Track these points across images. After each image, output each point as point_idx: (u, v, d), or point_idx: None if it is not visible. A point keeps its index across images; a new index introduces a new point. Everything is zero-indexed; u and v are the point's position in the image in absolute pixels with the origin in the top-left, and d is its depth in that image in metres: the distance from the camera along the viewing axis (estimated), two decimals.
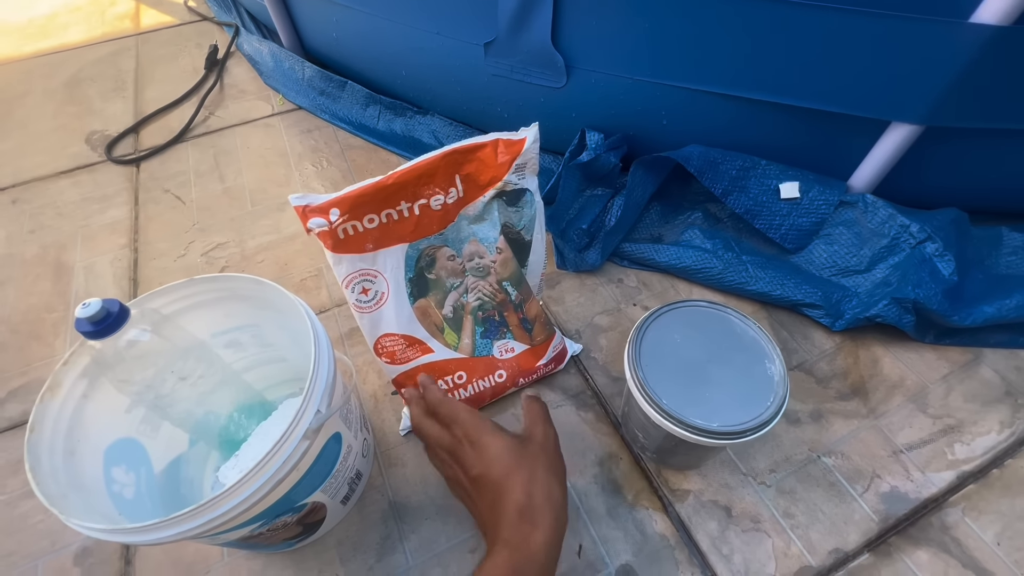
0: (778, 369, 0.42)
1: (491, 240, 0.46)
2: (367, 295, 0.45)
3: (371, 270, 0.44)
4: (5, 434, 0.56)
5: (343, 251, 0.42)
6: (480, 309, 0.50)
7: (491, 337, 0.52)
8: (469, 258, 0.47)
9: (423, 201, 0.42)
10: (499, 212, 0.45)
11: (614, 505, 0.49)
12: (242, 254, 0.71)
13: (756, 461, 0.51)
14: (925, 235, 0.56)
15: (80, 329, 0.34)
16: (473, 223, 0.46)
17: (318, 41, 0.94)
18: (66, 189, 0.82)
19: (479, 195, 0.44)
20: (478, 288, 0.49)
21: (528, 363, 0.54)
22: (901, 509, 0.48)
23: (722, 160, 0.61)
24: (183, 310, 0.44)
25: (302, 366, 0.53)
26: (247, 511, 0.34)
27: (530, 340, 0.53)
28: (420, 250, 0.45)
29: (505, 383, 0.53)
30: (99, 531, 0.31)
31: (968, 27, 0.45)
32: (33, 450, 0.34)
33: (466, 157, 0.42)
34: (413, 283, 0.46)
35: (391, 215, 0.42)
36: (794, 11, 0.49)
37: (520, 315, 0.51)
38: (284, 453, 0.34)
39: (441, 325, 0.49)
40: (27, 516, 0.50)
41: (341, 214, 0.40)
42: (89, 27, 1.20)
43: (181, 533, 0.31)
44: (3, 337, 0.64)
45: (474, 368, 0.52)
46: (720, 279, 0.62)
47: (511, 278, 0.49)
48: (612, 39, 0.59)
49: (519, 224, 0.47)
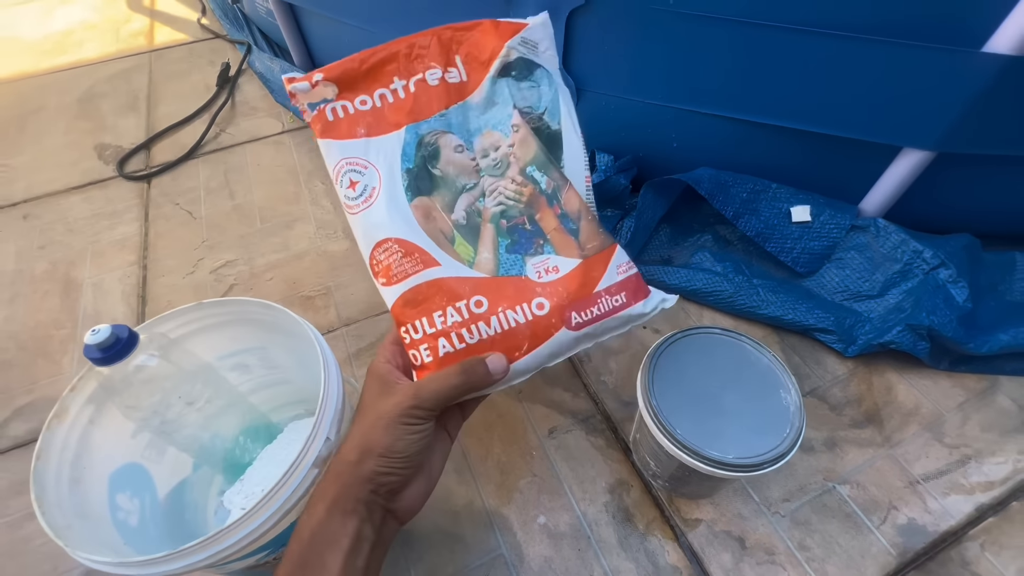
0: (794, 399, 0.41)
1: (504, 121, 0.39)
2: (355, 190, 0.37)
3: (360, 159, 0.38)
4: (9, 454, 0.55)
5: (333, 135, 0.37)
6: (504, 216, 0.39)
7: (522, 252, 0.38)
8: (483, 153, 0.39)
9: (419, 76, 0.38)
10: (510, 91, 0.39)
11: (625, 535, 0.48)
12: (251, 271, 0.71)
13: (770, 490, 0.50)
14: (938, 261, 0.56)
15: (89, 356, 0.34)
16: (483, 112, 0.39)
17: (329, 60, 0.95)
18: (77, 205, 0.82)
19: (483, 74, 0.39)
20: (497, 190, 0.39)
21: (582, 286, 0.38)
22: (919, 542, 0.47)
23: (733, 183, 0.61)
24: (191, 334, 0.44)
25: (307, 388, 0.53)
26: (256, 541, 0.33)
27: (579, 249, 0.39)
28: (420, 135, 0.38)
29: (549, 319, 0.37)
30: (105, 564, 0.30)
31: (981, 56, 0.45)
32: (39, 479, 0.34)
33: (461, 35, 0.39)
34: (412, 176, 0.38)
35: (384, 96, 0.38)
36: (806, 39, 0.50)
37: (557, 210, 0.39)
38: (294, 482, 0.34)
39: (450, 233, 0.38)
40: (30, 539, 0.50)
41: (327, 79, 0.37)
42: (104, 44, 1.22)
43: (189, 565, 0.31)
44: (11, 354, 0.64)
45: (499, 292, 0.37)
46: (731, 302, 0.61)
47: (535, 161, 0.39)
48: (622, 63, 0.60)
49: (538, 106, 0.40)
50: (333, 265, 0.71)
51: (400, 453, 0.32)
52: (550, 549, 0.47)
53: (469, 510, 0.50)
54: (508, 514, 0.50)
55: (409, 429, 0.32)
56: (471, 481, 0.52)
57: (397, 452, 0.32)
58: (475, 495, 0.51)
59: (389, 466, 0.32)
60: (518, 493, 0.51)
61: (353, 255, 0.72)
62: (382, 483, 0.32)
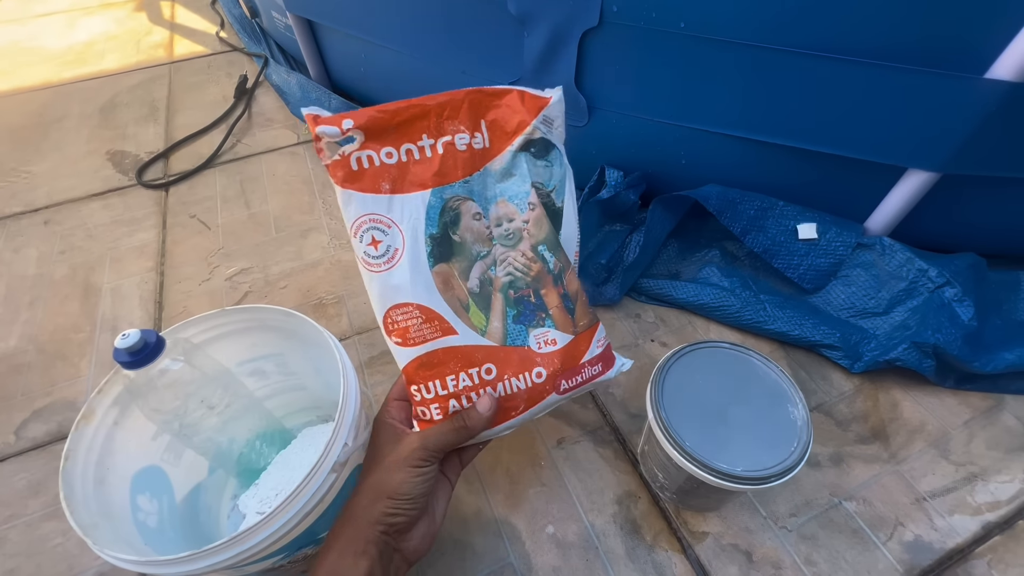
0: (801, 413, 0.42)
1: (521, 196, 0.41)
2: (376, 249, 0.37)
3: (384, 217, 0.37)
4: (28, 455, 0.57)
5: (354, 186, 0.37)
6: (512, 287, 0.41)
7: (526, 323, 0.42)
8: (497, 222, 0.41)
9: (447, 138, 0.38)
10: (528, 166, 0.41)
11: (633, 546, 0.48)
12: (265, 279, 0.73)
13: (777, 505, 0.50)
14: (943, 280, 0.57)
15: (118, 359, 0.35)
16: (500, 180, 0.41)
17: (345, 75, 0.98)
18: (97, 211, 0.84)
19: (505, 145, 0.40)
20: (508, 260, 0.41)
21: (571, 359, 0.42)
22: (926, 559, 0.47)
23: (740, 200, 0.62)
24: (212, 339, 0.45)
25: (322, 395, 0.54)
26: (274, 543, 0.34)
27: (573, 326, 0.43)
28: (444, 200, 0.39)
29: (544, 385, 0.41)
30: (131, 562, 0.31)
31: (984, 82, 0.47)
32: (68, 479, 0.35)
33: (491, 101, 0.40)
34: (435, 242, 0.38)
35: (411, 152, 0.38)
36: (813, 63, 0.51)
37: (560, 290, 0.42)
38: (312, 487, 0.35)
39: (466, 301, 0.40)
40: (47, 538, 0.50)
41: (356, 126, 0.36)
42: (125, 55, 1.25)
43: (211, 566, 0.32)
44: (30, 357, 0.65)
45: (506, 361, 0.40)
46: (738, 317, 0.62)
47: (547, 241, 0.42)
48: (634, 82, 0.62)
49: (549, 184, 0.42)
50: (346, 274, 0.73)
51: (407, 495, 0.35)
52: (558, 559, 0.48)
53: (478, 518, 0.51)
54: (517, 523, 0.50)
55: (415, 472, 0.35)
56: (480, 490, 0.52)
57: (404, 494, 0.35)
58: (484, 504, 0.51)
59: (397, 507, 0.35)
60: (527, 503, 0.51)
61: None
62: (391, 524, 0.34)
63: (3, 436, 0.58)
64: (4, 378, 0.63)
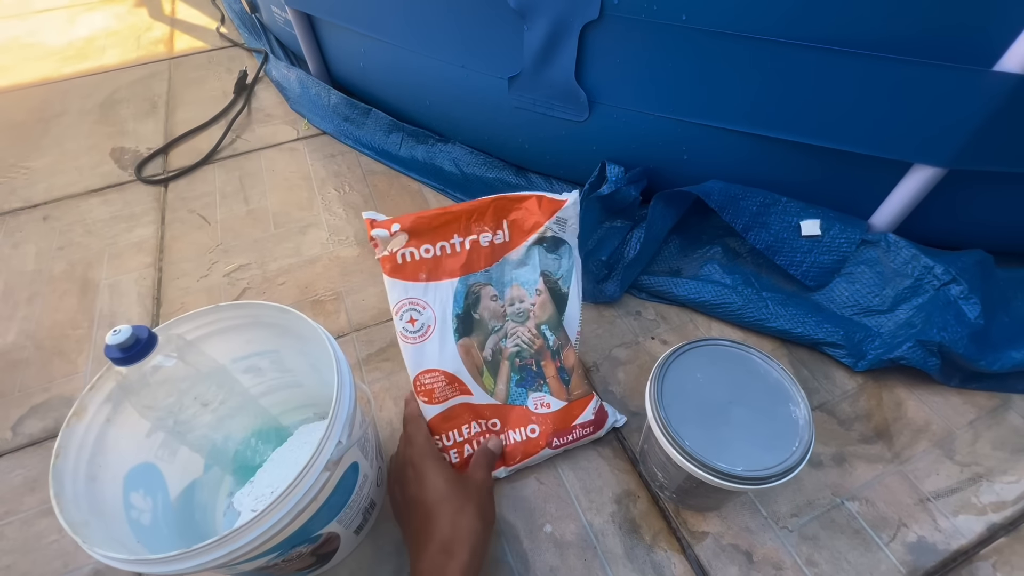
0: (803, 412, 0.41)
1: (531, 283, 0.50)
2: (414, 325, 0.47)
3: (420, 300, 0.47)
4: (24, 451, 0.56)
5: (399, 276, 0.46)
6: (518, 356, 0.51)
7: (526, 387, 0.51)
8: (511, 302, 0.50)
9: (473, 237, 0.47)
10: (539, 258, 0.49)
11: (632, 546, 0.48)
12: (263, 276, 0.72)
13: (778, 505, 0.50)
14: (950, 277, 0.56)
15: (109, 355, 0.35)
16: (516, 268, 0.49)
17: (345, 70, 0.97)
18: (96, 207, 0.84)
19: (522, 240, 0.49)
20: (517, 334, 0.50)
21: (563, 421, 0.51)
22: (929, 561, 0.46)
23: (743, 196, 0.61)
24: (206, 336, 0.44)
25: (318, 392, 0.53)
26: (267, 542, 0.33)
27: (567, 394, 0.52)
28: (468, 286, 0.48)
29: (538, 440, 0.51)
30: (121, 561, 0.31)
31: (992, 75, 0.46)
32: (58, 476, 0.34)
33: (513, 205, 0.48)
34: (460, 320, 0.48)
35: (444, 248, 0.46)
36: (817, 56, 0.50)
37: (557, 363, 0.51)
38: (305, 484, 0.34)
39: (481, 367, 0.50)
40: (42, 535, 0.50)
41: (402, 229, 0.45)
42: (124, 51, 1.25)
43: (201, 564, 0.31)
44: (28, 353, 0.65)
45: (508, 416, 0.51)
46: (740, 315, 0.62)
47: (549, 322, 0.51)
48: (635, 77, 0.61)
49: (557, 273, 0.50)
50: (345, 270, 0.72)
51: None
52: (556, 558, 0.47)
53: None
54: (515, 521, 0.50)
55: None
56: None
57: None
58: None
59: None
60: (524, 501, 0.51)
61: (364, 261, 0.73)
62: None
63: (0, 432, 0.58)
64: (1, 374, 0.63)
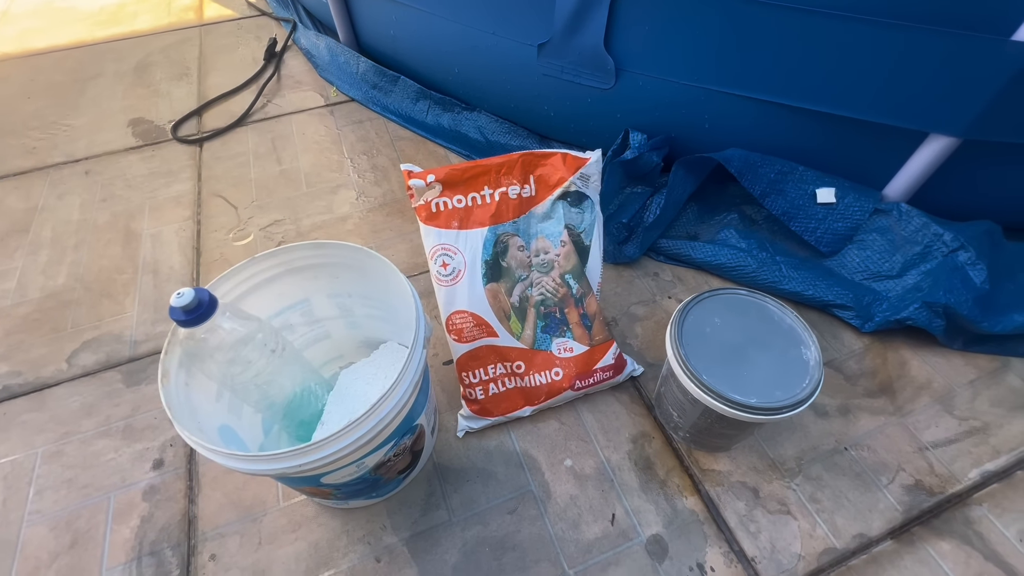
0: (813, 354, 0.44)
1: (556, 235, 0.52)
2: (446, 269, 0.50)
3: (452, 246, 0.50)
4: (80, 380, 0.60)
5: (433, 223, 0.50)
6: (543, 304, 0.54)
7: (551, 333, 0.54)
8: (536, 253, 0.53)
9: (503, 189, 0.50)
10: (563, 212, 0.52)
11: (646, 480, 0.51)
12: (297, 231, 0.76)
13: (784, 448, 0.53)
14: (958, 244, 0.58)
15: (174, 317, 0.36)
16: (541, 221, 0.52)
17: (374, 38, 0.99)
18: (135, 163, 0.88)
19: (548, 194, 0.52)
20: (542, 284, 0.53)
21: (585, 365, 0.54)
22: (925, 502, 0.50)
23: (761, 164, 0.64)
24: (246, 292, 0.46)
25: (344, 339, 0.56)
26: (389, 425, 0.37)
27: (589, 339, 0.55)
28: (497, 235, 0.51)
29: (561, 383, 0.54)
30: (240, 458, 0.34)
31: (1011, 44, 0.48)
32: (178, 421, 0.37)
33: (540, 160, 0.51)
34: (488, 266, 0.51)
35: (475, 198, 0.50)
36: (839, 24, 0.52)
37: (580, 310, 0.54)
38: (415, 359, 0.38)
39: (508, 312, 0.53)
40: (100, 454, 0.54)
41: (436, 180, 0.48)
42: (156, 17, 1.27)
43: (340, 450, 0.35)
44: (78, 294, 0.69)
45: (532, 360, 0.54)
46: (754, 277, 0.64)
47: (573, 271, 0.53)
48: (662, 44, 0.63)
49: (580, 226, 0.53)
50: (375, 228, 0.76)
51: None
52: (576, 488, 0.51)
53: (500, 450, 0.54)
54: (537, 455, 0.53)
55: None
56: (502, 424, 0.55)
57: None
58: (506, 438, 0.55)
59: None
60: (546, 438, 0.54)
61: (392, 219, 0.76)
62: None
63: (56, 364, 0.62)
64: (54, 312, 0.67)
